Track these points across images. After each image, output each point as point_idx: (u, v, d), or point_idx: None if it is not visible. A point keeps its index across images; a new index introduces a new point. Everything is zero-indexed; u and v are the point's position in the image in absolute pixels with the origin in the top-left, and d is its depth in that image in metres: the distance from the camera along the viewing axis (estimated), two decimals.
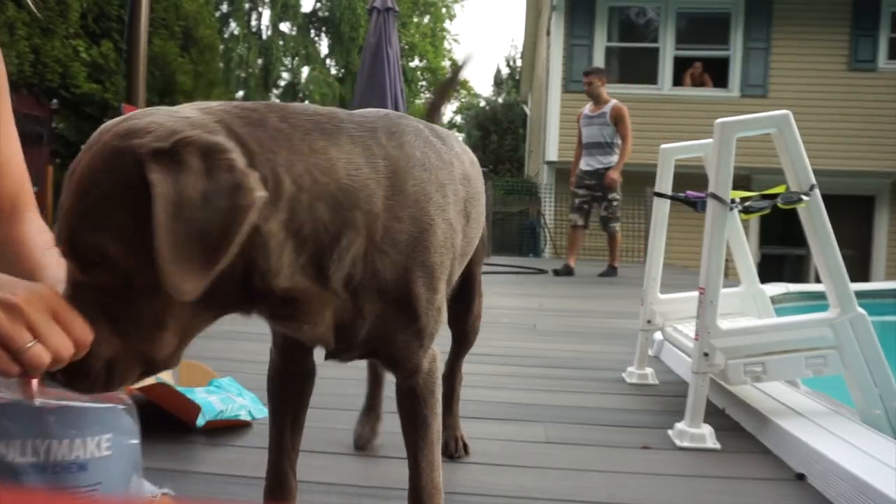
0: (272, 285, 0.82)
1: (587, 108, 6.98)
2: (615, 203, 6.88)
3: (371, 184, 0.89)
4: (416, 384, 1.09)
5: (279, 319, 0.91)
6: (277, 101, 1.00)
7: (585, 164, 6.93)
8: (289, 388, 1.19)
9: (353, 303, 0.91)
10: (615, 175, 6.72)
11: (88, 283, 0.75)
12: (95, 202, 0.72)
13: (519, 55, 25.31)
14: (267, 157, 0.79)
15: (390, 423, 1.86)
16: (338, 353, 1.00)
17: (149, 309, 0.75)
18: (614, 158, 6.81)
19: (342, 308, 0.91)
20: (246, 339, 3.04)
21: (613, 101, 6.82)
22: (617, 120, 6.71)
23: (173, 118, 0.76)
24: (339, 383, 2.31)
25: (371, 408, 1.84)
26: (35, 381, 0.78)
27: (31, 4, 1.19)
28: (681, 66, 10.61)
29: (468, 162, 1.27)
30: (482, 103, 28.65)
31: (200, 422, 1.83)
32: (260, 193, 0.73)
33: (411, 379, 1.08)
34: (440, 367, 1.14)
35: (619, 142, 6.79)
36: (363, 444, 1.78)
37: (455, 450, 1.74)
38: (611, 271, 7.16)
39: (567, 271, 7.03)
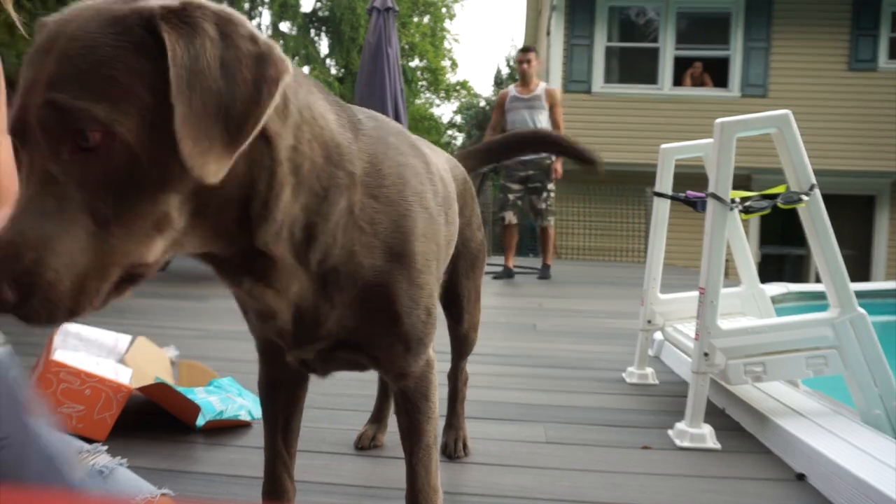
0: (260, 229, 0.75)
1: (513, 89, 6.19)
2: (552, 194, 6.22)
3: (353, 149, 0.86)
4: (407, 388, 1.07)
5: (248, 275, 0.82)
6: None
7: None
8: (277, 393, 1.16)
9: (321, 286, 0.87)
10: (560, 167, 6.07)
11: (64, 172, 0.60)
12: (94, 68, 0.60)
13: None
14: None
15: (396, 424, 1.86)
16: (299, 341, 0.93)
17: (149, 204, 0.63)
18: None
19: (308, 288, 0.86)
20: (246, 339, 3.03)
21: (545, 84, 6.23)
22: (552, 104, 6.02)
23: None
24: (339, 383, 2.31)
25: (378, 418, 1.84)
26: None
27: (14, 18, 1.16)
28: (681, 66, 10.61)
29: (443, 163, 1.25)
30: (482, 103, 28.65)
31: (200, 422, 1.83)
32: (290, 70, 0.66)
33: (401, 383, 1.06)
34: (435, 372, 1.11)
35: (551, 127, 6.06)
36: (362, 445, 1.79)
37: (454, 450, 1.74)
38: (545, 271, 6.46)
39: (508, 274, 6.35)
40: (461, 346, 1.71)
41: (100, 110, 0.59)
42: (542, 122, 6.02)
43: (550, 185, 6.13)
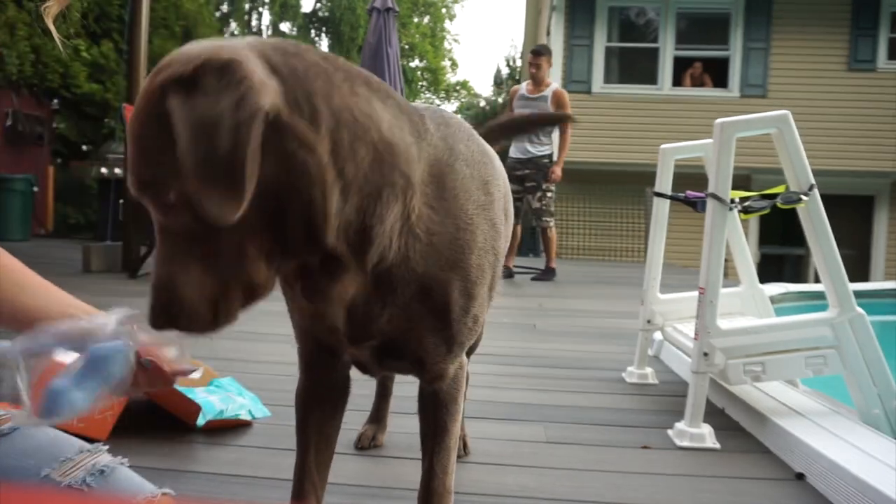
0: (325, 232, 0.80)
1: (524, 87, 6.15)
2: (550, 195, 6.11)
3: (413, 152, 0.86)
4: (440, 390, 1.06)
5: (315, 285, 0.87)
6: None
7: (517, 150, 6.08)
8: (314, 406, 1.12)
9: (374, 285, 0.88)
10: (559, 171, 6.02)
11: (171, 225, 0.75)
12: (145, 143, 0.73)
13: (519, 55, 25.31)
14: (299, 82, 0.76)
15: (395, 423, 1.87)
16: (354, 340, 0.96)
17: (227, 239, 0.74)
18: (548, 147, 6.11)
19: (363, 288, 0.88)
20: (247, 339, 3.04)
21: (555, 85, 6.16)
22: (559, 105, 5.93)
23: (205, 44, 0.75)
24: None
25: (377, 418, 1.85)
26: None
27: (55, 36, 1.17)
28: (681, 66, 10.61)
29: (495, 155, 1.21)
30: (482, 103, 28.64)
31: (200, 422, 1.83)
32: (266, 101, 0.70)
33: (435, 384, 1.06)
34: (465, 373, 1.11)
35: (557, 130, 6.01)
36: (362, 445, 1.79)
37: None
38: (549, 273, 6.32)
39: (508, 274, 6.18)
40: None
41: (157, 179, 0.72)
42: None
43: (546, 186, 6.07)
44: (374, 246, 0.84)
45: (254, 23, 24.34)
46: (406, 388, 1.51)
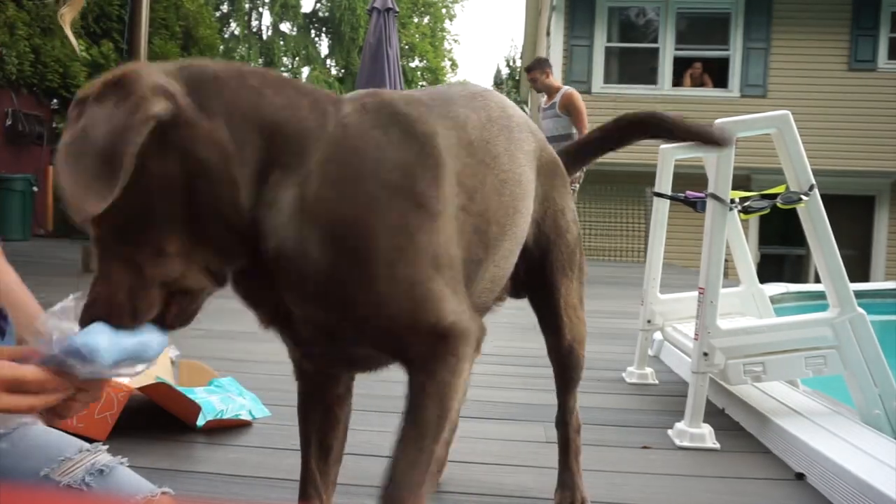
0: (242, 220, 0.82)
1: (543, 100, 6.18)
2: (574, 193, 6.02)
3: (308, 134, 0.86)
4: (412, 373, 0.92)
5: (247, 281, 0.90)
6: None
7: None
8: (312, 410, 1.10)
9: (285, 284, 0.87)
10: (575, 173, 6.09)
11: (98, 233, 0.81)
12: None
13: (519, 55, 25.31)
14: (200, 89, 0.82)
15: (393, 422, 1.87)
16: (299, 345, 0.96)
17: (141, 240, 0.80)
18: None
19: (267, 284, 0.87)
20: (246, 339, 3.04)
21: (564, 89, 6.01)
22: (568, 109, 5.81)
23: (126, 66, 0.83)
24: None
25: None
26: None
27: (74, 46, 1.19)
28: (681, 66, 10.61)
29: (477, 123, 1.08)
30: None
31: (200, 422, 1.83)
32: (156, 108, 0.76)
33: (407, 368, 0.93)
34: (464, 365, 0.94)
35: (576, 133, 5.82)
36: None
37: None
38: None
39: None
40: (564, 365, 1.40)
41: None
42: (563, 127, 5.87)
43: (574, 187, 5.83)
44: (268, 238, 0.84)
45: (254, 23, 24.34)
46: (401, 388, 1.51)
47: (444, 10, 26.89)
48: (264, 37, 24.30)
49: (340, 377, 1.10)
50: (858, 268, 9.85)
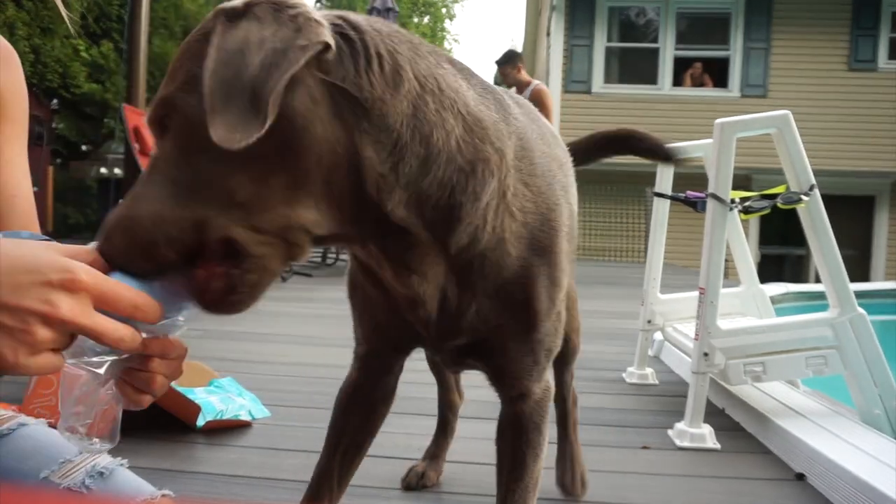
0: (386, 202, 0.72)
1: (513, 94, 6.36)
2: None
3: (502, 127, 0.80)
4: (522, 412, 0.95)
5: (391, 257, 0.79)
6: None
7: None
8: (355, 406, 1.06)
9: (465, 272, 0.81)
10: None
11: (163, 153, 0.67)
12: (178, 63, 0.68)
13: None
14: (382, 39, 0.72)
15: (396, 423, 1.86)
16: (440, 338, 0.87)
17: (220, 174, 0.65)
18: None
19: (449, 274, 0.81)
20: (247, 339, 3.04)
21: (534, 84, 5.90)
22: (536, 105, 5.97)
23: None
24: (338, 383, 2.31)
25: (433, 454, 1.63)
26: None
27: (66, 17, 1.17)
28: (681, 66, 10.61)
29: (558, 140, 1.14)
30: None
31: (200, 422, 1.83)
32: (324, 39, 0.65)
33: (518, 405, 0.95)
34: (551, 400, 0.99)
35: None
36: (408, 483, 1.58)
37: (572, 487, 1.54)
38: None
39: None
40: (565, 350, 1.46)
41: (169, 92, 0.67)
42: None
43: None
44: (461, 224, 0.77)
45: None
46: (408, 388, 1.51)
47: (444, 10, 26.90)
48: None
49: (395, 375, 1.07)
50: (858, 268, 9.85)
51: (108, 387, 0.69)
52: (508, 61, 5.97)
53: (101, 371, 0.65)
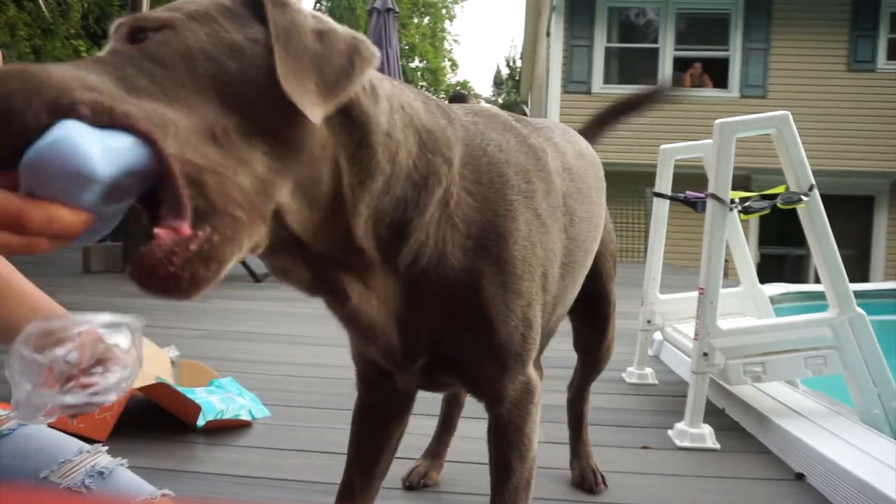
0: (354, 216, 0.72)
1: None
2: None
3: (449, 135, 0.81)
4: (500, 416, 0.94)
5: (346, 277, 0.76)
6: None
7: None
8: (368, 420, 1.07)
9: (412, 291, 0.80)
10: None
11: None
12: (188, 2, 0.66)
13: (519, 55, 25.33)
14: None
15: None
16: (406, 360, 0.87)
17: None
18: None
19: (399, 295, 0.80)
20: (247, 339, 3.04)
21: None
22: None
23: None
24: (338, 383, 2.31)
25: (434, 453, 1.64)
26: None
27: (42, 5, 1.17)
28: (680, 66, 10.61)
29: (572, 153, 1.13)
30: (482, 104, 28.64)
31: (201, 422, 1.83)
32: (377, 55, 0.69)
33: (494, 409, 0.94)
34: (537, 401, 0.97)
35: None
36: (410, 483, 1.58)
37: (594, 483, 1.59)
38: None
39: None
40: (597, 363, 1.58)
41: (173, 16, 0.63)
42: None
43: None
44: (408, 243, 0.77)
45: None
46: None
47: (444, 11, 26.90)
48: None
49: (403, 393, 1.07)
50: (858, 268, 9.85)
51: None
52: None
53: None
